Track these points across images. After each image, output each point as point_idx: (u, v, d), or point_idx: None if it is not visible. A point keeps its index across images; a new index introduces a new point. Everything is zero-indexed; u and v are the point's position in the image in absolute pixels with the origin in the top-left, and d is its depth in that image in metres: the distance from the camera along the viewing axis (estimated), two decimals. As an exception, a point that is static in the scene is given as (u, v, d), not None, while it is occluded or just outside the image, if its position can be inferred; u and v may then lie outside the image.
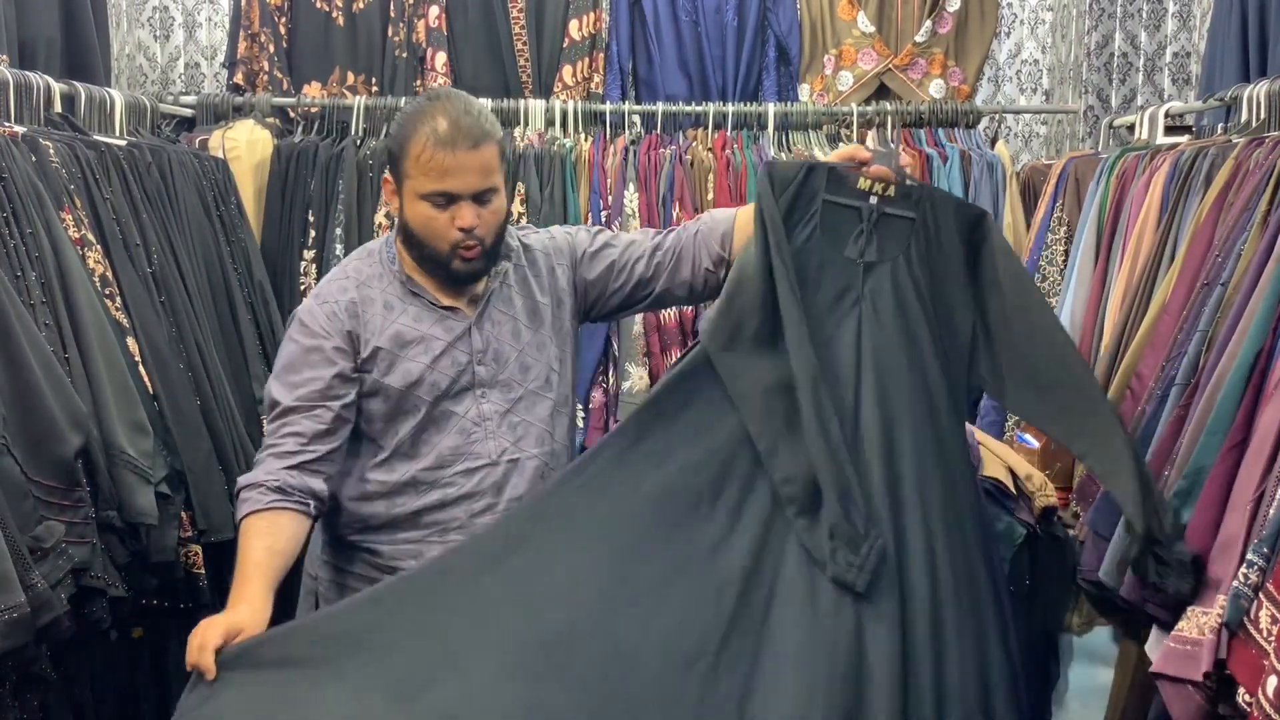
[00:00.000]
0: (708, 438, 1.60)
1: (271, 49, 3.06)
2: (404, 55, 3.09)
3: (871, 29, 3.12)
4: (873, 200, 1.69)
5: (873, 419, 1.58)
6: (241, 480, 1.74)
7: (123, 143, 2.24)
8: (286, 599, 2.51)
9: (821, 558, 1.51)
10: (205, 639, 1.54)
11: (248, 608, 1.59)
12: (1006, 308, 1.63)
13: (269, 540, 1.67)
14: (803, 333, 1.58)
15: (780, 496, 1.55)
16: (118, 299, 1.99)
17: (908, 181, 1.71)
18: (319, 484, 1.77)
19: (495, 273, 1.91)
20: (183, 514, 2.00)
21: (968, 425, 2.12)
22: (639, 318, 2.74)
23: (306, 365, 1.80)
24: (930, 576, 1.58)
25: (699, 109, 2.98)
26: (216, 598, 2.21)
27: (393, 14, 3.10)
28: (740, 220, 1.90)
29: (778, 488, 1.56)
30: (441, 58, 3.09)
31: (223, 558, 2.23)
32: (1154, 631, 1.67)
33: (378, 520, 1.84)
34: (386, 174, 1.89)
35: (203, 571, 2.05)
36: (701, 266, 1.91)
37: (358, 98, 2.97)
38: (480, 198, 1.80)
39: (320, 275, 2.75)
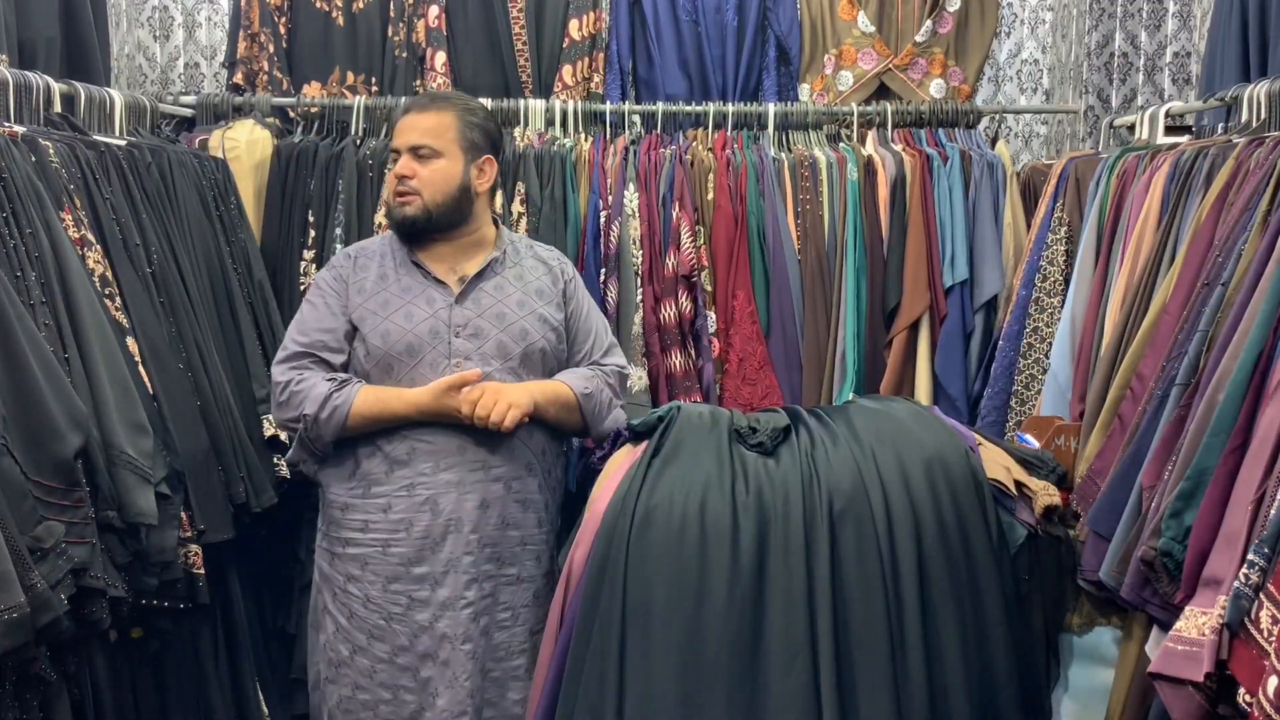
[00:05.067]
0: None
1: (271, 49, 3.06)
2: (404, 55, 3.09)
3: (872, 29, 3.12)
4: None
5: None
6: (309, 409, 2.00)
7: (122, 143, 2.24)
8: (283, 594, 2.52)
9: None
10: (467, 410, 1.97)
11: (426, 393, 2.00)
12: None
13: (374, 391, 2.03)
14: None
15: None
16: (117, 299, 1.99)
17: None
18: None
19: (485, 257, 2.14)
20: (182, 514, 2.00)
21: (965, 427, 2.13)
22: (638, 318, 2.74)
23: (314, 320, 2.11)
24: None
25: (699, 109, 2.98)
26: (216, 598, 2.22)
27: (392, 14, 3.09)
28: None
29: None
30: (441, 58, 3.08)
31: (221, 558, 2.23)
32: (1154, 631, 1.67)
33: (361, 470, 2.04)
34: None
35: (202, 572, 2.04)
36: None
37: (357, 98, 2.97)
38: (416, 151, 2.08)
39: (320, 275, 2.75)
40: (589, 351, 2.23)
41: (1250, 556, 1.35)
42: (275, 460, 2.37)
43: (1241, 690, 1.31)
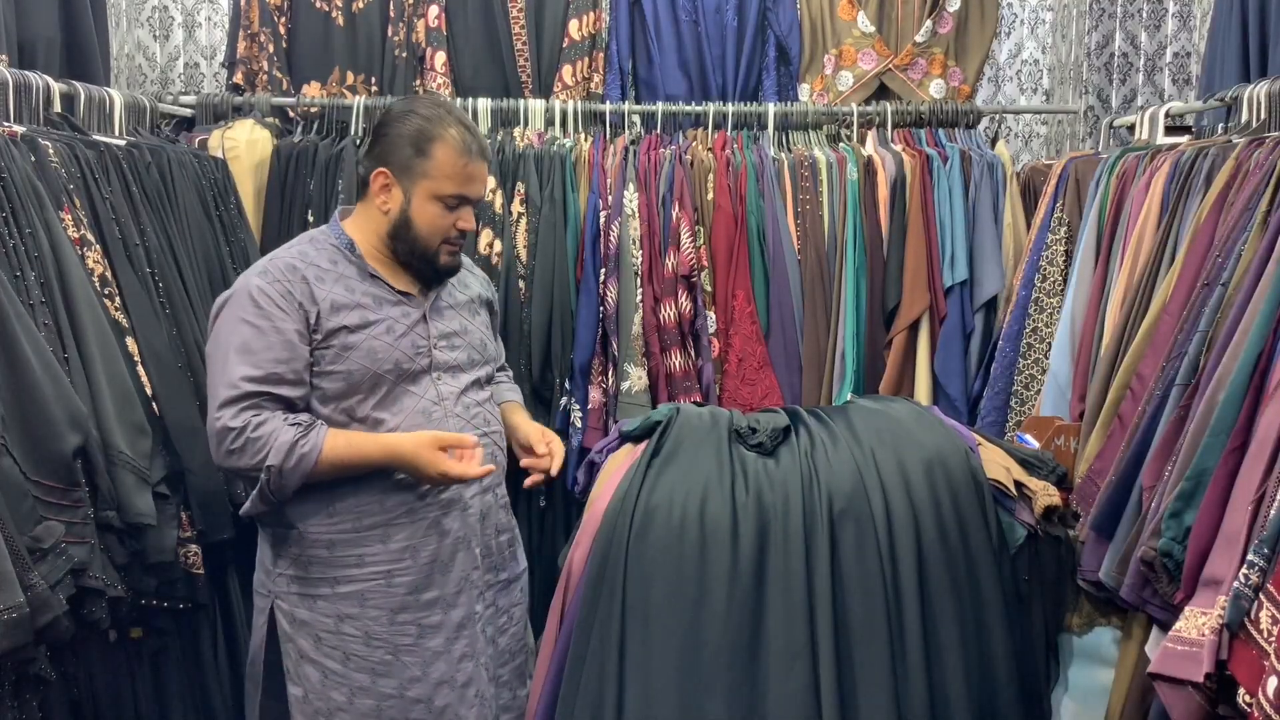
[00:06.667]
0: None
1: (271, 49, 3.06)
2: (403, 55, 3.09)
3: (871, 29, 3.12)
4: None
5: None
6: (272, 460, 1.77)
7: (122, 142, 2.24)
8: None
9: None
10: (447, 467, 1.81)
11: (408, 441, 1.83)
12: None
13: (341, 432, 1.84)
14: None
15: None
16: (117, 299, 1.99)
17: None
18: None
19: None
20: (182, 514, 2.00)
21: (965, 428, 2.13)
22: (637, 318, 2.74)
23: (266, 347, 1.83)
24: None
25: (699, 109, 2.98)
26: (215, 598, 2.22)
27: (392, 14, 3.09)
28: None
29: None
30: (441, 58, 3.08)
31: (221, 558, 2.23)
32: (1154, 632, 1.67)
33: (344, 503, 1.89)
34: (382, 169, 1.95)
35: (201, 572, 2.04)
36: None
37: (357, 98, 2.97)
38: (476, 205, 2.00)
39: (319, 275, 2.74)
40: (499, 357, 2.24)
41: (1250, 557, 1.35)
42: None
43: (1241, 691, 1.31)
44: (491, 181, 2.77)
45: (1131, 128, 2.66)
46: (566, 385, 2.76)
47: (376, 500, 1.89)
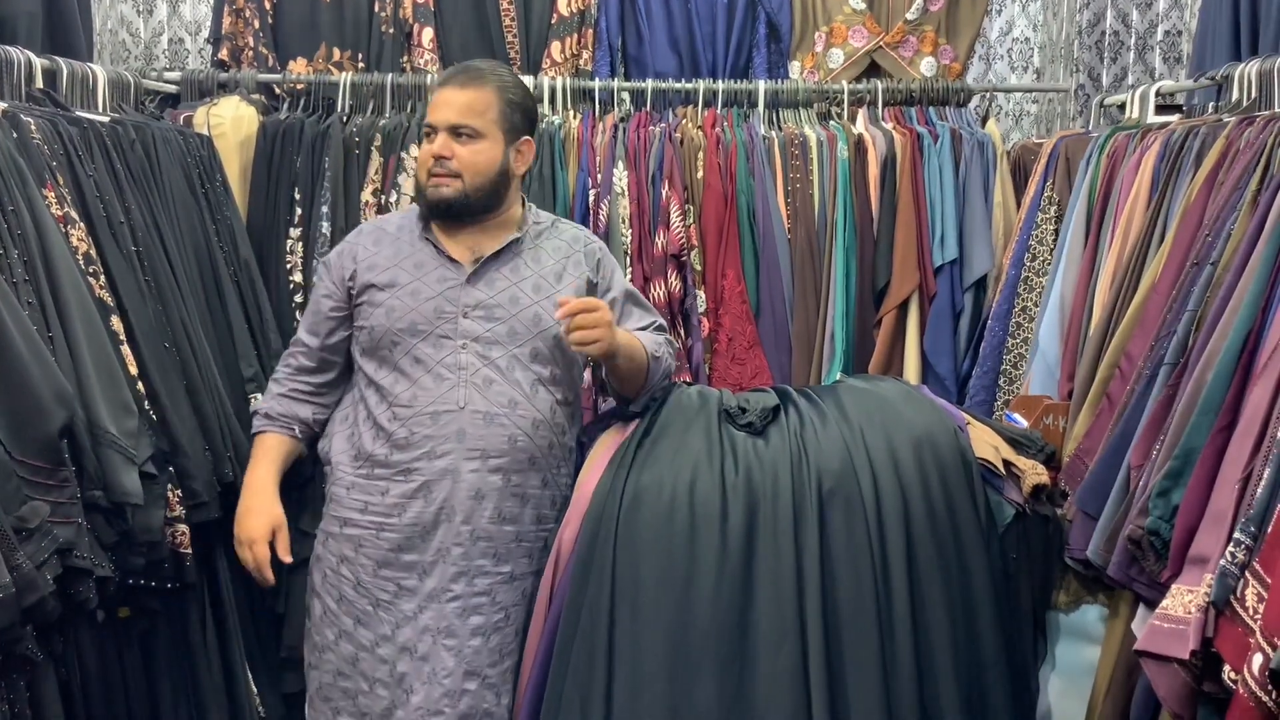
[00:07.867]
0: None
1: (256, 24, 3.03)
2: (390, 31, 3.06)
3: (862, 6, 3.10)
4: None
5: None
6: (252, 407, 2.17)
7: (106, 119, 2.21)
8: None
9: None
10: (254, 534, 2.03)
11: (268, 498, 2.05)
12: None
13: (264, 449, 2.10)
14: None
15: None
16: (101, 277, 1.97)
17: None
18: (305, 410, 2.12)
19: (507, 238, 2.06)
20: (169, 493, 1.99)
21: (953, 407, 2.14)
22: (628, 297, 2.74)
23: (310, 303, 2.16)
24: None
25: (689, 86, 2.97)
26: (204, 577, 2.21)
27: (379, -11, 3.06)
28: None
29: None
30: (429, 33, 3.06)
31: (210, 537, 2.23)
32: (1140, 609, 1.68)
33: (368, 448, 2.01)
34: None
35: (189, 551, 2.03)
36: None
37: (344, 74, 2.94)
38: (456, 131, 1.98)
39: (307, 253, 2.73)
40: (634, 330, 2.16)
41: (1237, 535, 1.36)
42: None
43: (1227, 667, 1.32)
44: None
45: (1122, 106, 2.65)
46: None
47: (385, 454, 1.99)
